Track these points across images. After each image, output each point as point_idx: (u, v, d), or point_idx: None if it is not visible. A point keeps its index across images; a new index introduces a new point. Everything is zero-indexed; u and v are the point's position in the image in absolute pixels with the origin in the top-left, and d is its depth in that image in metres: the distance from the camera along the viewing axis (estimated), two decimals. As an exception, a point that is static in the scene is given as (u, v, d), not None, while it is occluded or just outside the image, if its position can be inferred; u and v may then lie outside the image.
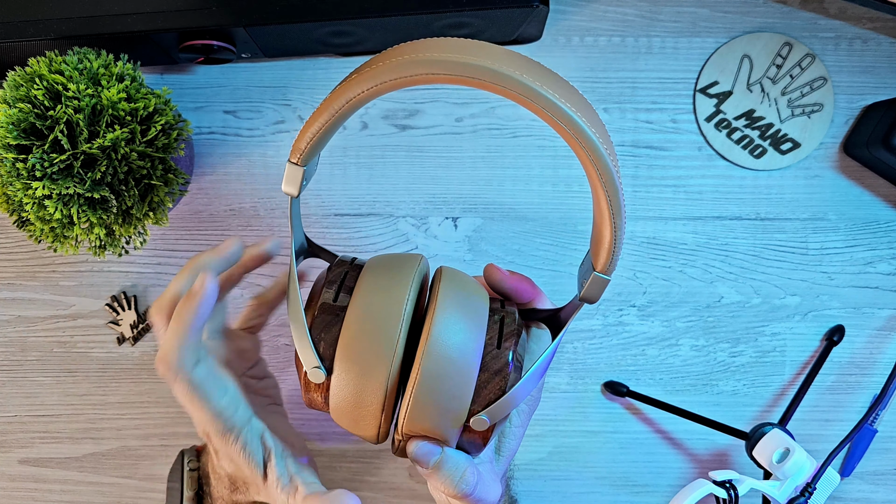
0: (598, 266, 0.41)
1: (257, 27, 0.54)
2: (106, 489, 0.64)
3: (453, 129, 0.63)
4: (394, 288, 0.42)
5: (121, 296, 0.63)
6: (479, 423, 0.41)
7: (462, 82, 0.36)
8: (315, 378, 0.42)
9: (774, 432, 0.57)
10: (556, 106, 0.35)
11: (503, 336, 0.43)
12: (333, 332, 0.42)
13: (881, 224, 0.64)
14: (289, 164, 0.41)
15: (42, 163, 0.50)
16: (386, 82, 0.37)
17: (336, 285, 0.43)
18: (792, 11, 0.63)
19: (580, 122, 0.36)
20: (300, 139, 0.40)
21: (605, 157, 0.37)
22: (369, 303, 0.42)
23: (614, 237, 0.39)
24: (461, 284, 0.44)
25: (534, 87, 0.35)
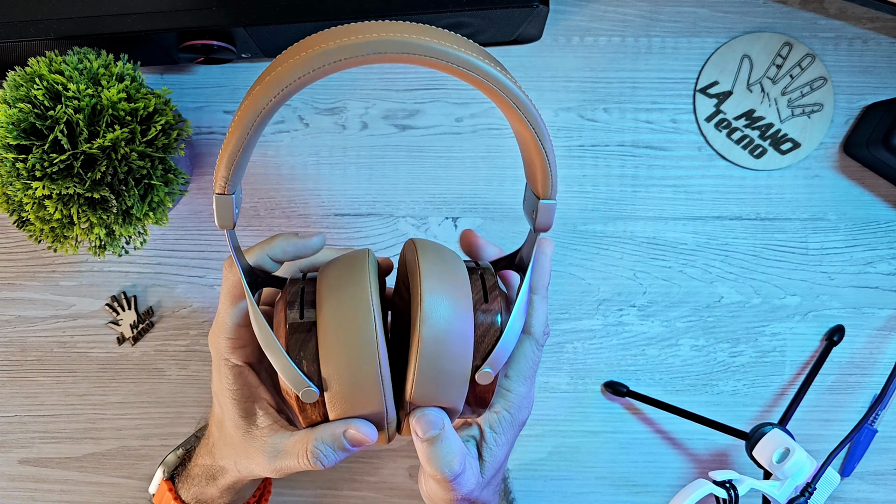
0: (540, 194, 0.42)
1: (257, 27, 0.54)
2: (106, 489, 0.64)
3: (453, 129, 0.63)
4: (354, 286, 0.43)
5: (121, 296, 0.63)
6: (485, 376, 0.43)
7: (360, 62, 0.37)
8: (308, 398, 0.42)
9: (774, 432, 0.57)
10: (450, 54, 0.37)
11: (487, 291, 0.44)
12: (311, 347, 0.42)
13: (881, 224, 0.64)
14: (216, 196, 0.41)
15: (42, 163, 0.50)
16: (290, 85, 0.37)
17: (297, 303, 0.43)
18: (792, 11, 0.63)
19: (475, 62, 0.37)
20: (220, 167, 0.40)
21: (511, 86, 0.38)
22: (336, 307, 0.42)
23: (547, 161, 0.41)
24: (438, 253, 0.45)
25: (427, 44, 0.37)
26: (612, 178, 0.63)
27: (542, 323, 0.47)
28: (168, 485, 0.53)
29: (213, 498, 0.51)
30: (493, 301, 0.44)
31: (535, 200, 0.43)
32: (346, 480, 0.63)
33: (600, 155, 0.63)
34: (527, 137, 0.40)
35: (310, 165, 0.63)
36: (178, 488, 0.53)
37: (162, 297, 0.64)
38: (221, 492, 0.51)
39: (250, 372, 0.48)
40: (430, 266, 0.43)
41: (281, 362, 0.42)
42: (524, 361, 0.47)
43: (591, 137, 0.63)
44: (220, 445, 0.50)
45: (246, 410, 0.47)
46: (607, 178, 0.63)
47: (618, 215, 0.63)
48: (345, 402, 0.42)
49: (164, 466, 0.54)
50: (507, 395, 0.47)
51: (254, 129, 0.39)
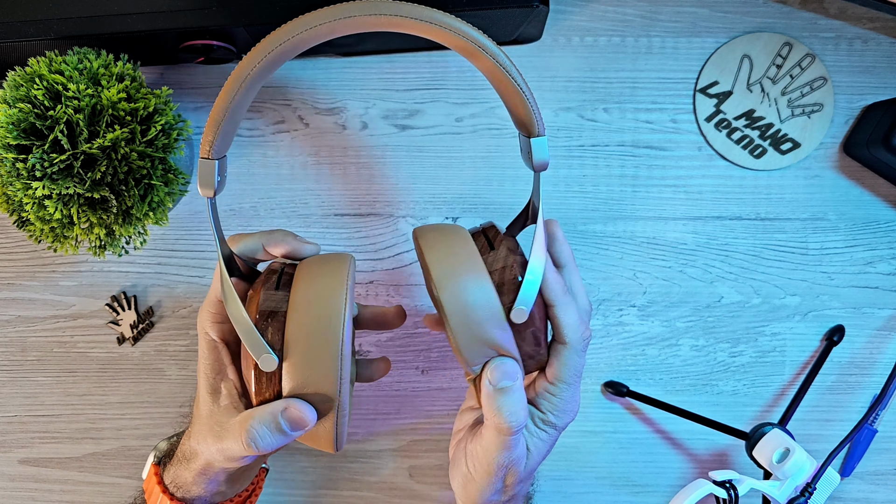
0: (530, 132, 0.45)
1: (257, 27, 0.54)
2: (106, 489, 0.64)
3: (453, 129, 0.63)
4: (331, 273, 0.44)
5: (121, 296, 0.63)
6: (519, 314, 0.44)
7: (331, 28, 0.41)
8: (267, 366, 0.43)
9: (774, 432, 0.57)
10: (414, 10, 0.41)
11: (492, 240, 0.46)
12: (278, 318, 0.43)
13: (881, 224, 0.64)
14: (200, 160, 0.43)
15: (42, 163, 0.50)
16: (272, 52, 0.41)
17: (274, 280, 0.45)
18: (792, 11, 0.63)
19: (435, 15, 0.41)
20: (207, 131, 0.42)
21: (471, 31, 0.42)
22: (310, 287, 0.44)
23: (525, 98, 0.43)
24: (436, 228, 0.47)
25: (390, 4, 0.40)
26: (612, 178, 0.63)
27: (573, 327, 0.47)
28: (155, 469, 0.52)
29: (187, 482, 0.50)
30: (502, 251, 0.45)
31: (526, 142, 0.45)
32: (346, 480, 0.63)
33: (600, 155, 0.63)
34: (501, 79, 0.43)
35: (310, 165, 0.63)
36: (163, 473, 0.52)
37: (162, 297, 0.64)
38: (194, 477, 0.50)
39: (224, 349, 0.48)
40: (431, 241, 0.45)
41: (244, 326, 0.43)
42: (564, 370, 0.47)
43: (591, 137, 0.63)
44: (193, 425, 0.50)
45: (213, 387, 0.48)
46: (607, 178, 0.63)
47: (618, 215, 0.63)
48: (300, 375, 0.43)
49: (156, 451, 0.54)
50: (552, 398, 0.48)
51: (239, 94, 0.41)
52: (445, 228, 0.47)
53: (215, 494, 0.51)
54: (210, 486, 0.50)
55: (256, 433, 0.43)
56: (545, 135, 0.45)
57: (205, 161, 0.43)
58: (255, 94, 0.44)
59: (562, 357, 0.48)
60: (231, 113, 0.42)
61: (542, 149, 0.45)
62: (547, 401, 0.48)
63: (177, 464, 0.51)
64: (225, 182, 0.46)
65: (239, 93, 0.41)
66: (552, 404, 0.48)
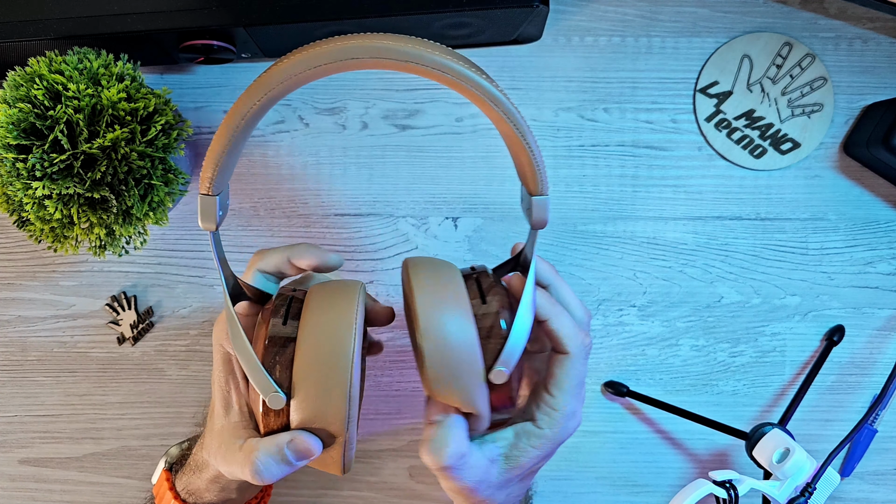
0: (531, 190, 0.43)
1: (257, 27, 0.54)
2: (106, 489, 0.64)
3: (453, 129, 0.63)
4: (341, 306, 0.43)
5: (121, 296, 0.63)
6: (499, 375, 0.43)
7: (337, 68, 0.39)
8: (275, 404, 0.42)
9: (774, 432, 0.57)
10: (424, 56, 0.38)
11: (484, 292, 0.44)
12: (286, 355, 0.42)
13: (881, 224, 0.64)
14: (200, 196, 0.41)
15: (42, 163, 0.50)
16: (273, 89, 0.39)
17: (282, 312, 0.44)
18: (792, 11, 0.63)
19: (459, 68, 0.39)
20: (205, 168, 0.41)
21: (486, 85, 0.39)
22: (319, 321, 0.43)
23: (532, 157, 0.42)
24: (429, 267, 0.45)
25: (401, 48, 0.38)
26: (612, 178, 0.63)
27: (571, 336, 0.46)
28: (166, 474, 0.53)
29: (199, 489, 0.51)
30: (492, 300, 0.44)
31: (527, 198, 0.44)
32: (346, 480, 0.63)
33: (600, 155, 0.63)
34: (510, 135, 0.41)
35: (310, 165, 0.63)
36: (174, 479, 0.53)
37: (162, 297, 0.64)
38: (207, 484, 0.50)
39: (238, 364, 0.48)
40: (421, 281, 0.44)
41: (250, 364, 0.42)
42: (566, 380, 0.46)
43: (591, 137, 0.63)
44: (206, 436, 0.50)
45: (226, 401, 0.48)
46: (607, 178, 0.63)
47: (618, 215, 0.63)
48: (308, 412, 0.42)
49: (167, 457, 0.55)
50: (552, 412, 0.47)
51: (239, 131, 0.40)
52: (440, 269, 0.45)
53: (226, 501, 0.52)
54: (222, 494, 0.51)
55: (261, 465, 0.43)
56: (548, 195, 0.43)
57: (206, 197, 0.42)
58: (254, 127, 0.42)
59: (564, 367, 0.47)
60: (230, 150, 0.41)
61: (542, 209, 0.43)
62: (545, 413, 0.47)
63: (189, 472, 0.52)
64: (227, 211, 0.45)
65: (239, 130, 0.40)
66: (550, 417, 0.47)
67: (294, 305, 0.44)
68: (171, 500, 0.51)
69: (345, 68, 0.39)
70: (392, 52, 0.38)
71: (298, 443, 0.42)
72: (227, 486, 0.51)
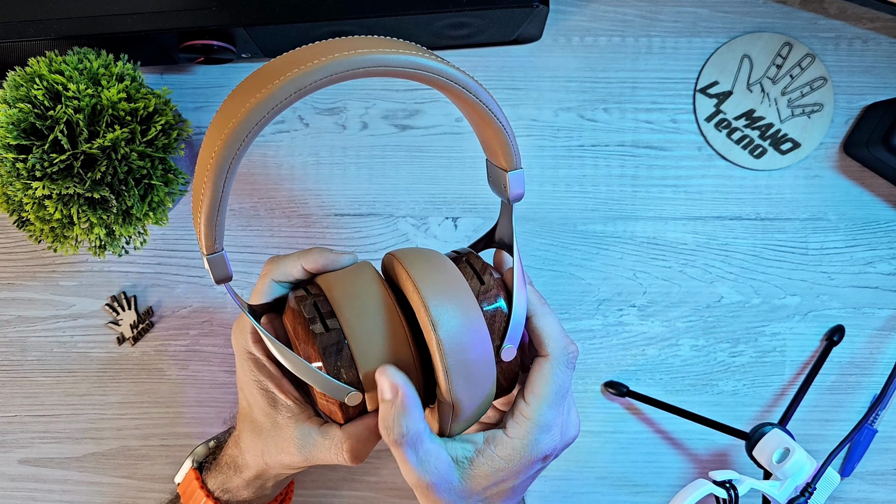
0: (506, 166, 0.43)
1: (257, 27, 0.54)
2: (106, 489, 0.64)
3: (453, 129, 0.63)
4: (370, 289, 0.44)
5: (121, 296, 0.63)
6: (508, 352, 0.43)
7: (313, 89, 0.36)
8: (354, 402, 0.43)
9: (774, 432, 0.57)
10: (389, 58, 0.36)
11: (480, 276, 0.45)
12: (345, 355, 0.43)
13: (881, 224, 0.64)
14: (206, 258, 0.40)
15: (42, 163, 0.50)
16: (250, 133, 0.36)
17: (317, 317, 0.43)
18: (792, 11, 0.63)
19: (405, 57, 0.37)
20: (200, 230, 0.39)
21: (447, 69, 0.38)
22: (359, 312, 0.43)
23: (504, 132, 0.41)
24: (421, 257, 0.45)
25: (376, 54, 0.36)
26: (612, 178, 0.63)
27: (555, 337, 0.45)
28: (195, 473, 0.54)
29: (237, 487, 0.52)
30: (490, 283, 0.44)
31: (501, 174, 0.43)
32: (346, 480, 0.63)
33: (600, 155, 0.63)
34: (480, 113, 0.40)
35: (310, 165, 0.63)
36: (204, 477, 0.53)
37: (162, 297, 0.64)
38: (246, 483, 0.51)
39: (271, 363, 0.48)
40: (420, 272, 0.43)
41: (319, 380, 0.42)
42: (544, 386, 0.44)
43: (591, 137, 0.63)
44: (245, 438, 0.50)
45: (272, 400, 0.48)
46: (607, 178, 0.63)
47: (618, 215, 0.63)
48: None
49: (193, 456, 0.55)
50: (523, 421, 0.44)
51: (225, 185, 0.38)
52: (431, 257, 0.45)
53: (259, 498, 0.53)
54: (260, 490, 0.52)
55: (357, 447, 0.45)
56: (523, 167, 0.43)
57: (212, 257, 0.40)
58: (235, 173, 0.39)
59: (542, 371, 0.44)
60: (223, 203, 0.39)
61: (519, 182, 0.43)
62: (516, 421, 0.44)
63: (225, 471, 0.52)
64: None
65: (224, 183, 0.38)
66: (520, 426, 0.44)
67: (322, 306, 0.44)
68: (203, 497, 0.52)
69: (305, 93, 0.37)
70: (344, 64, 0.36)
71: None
72: (265, 483, 0.52)
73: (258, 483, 0.51)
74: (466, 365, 0.42)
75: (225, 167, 0.37)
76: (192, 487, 0.53)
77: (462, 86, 0.39)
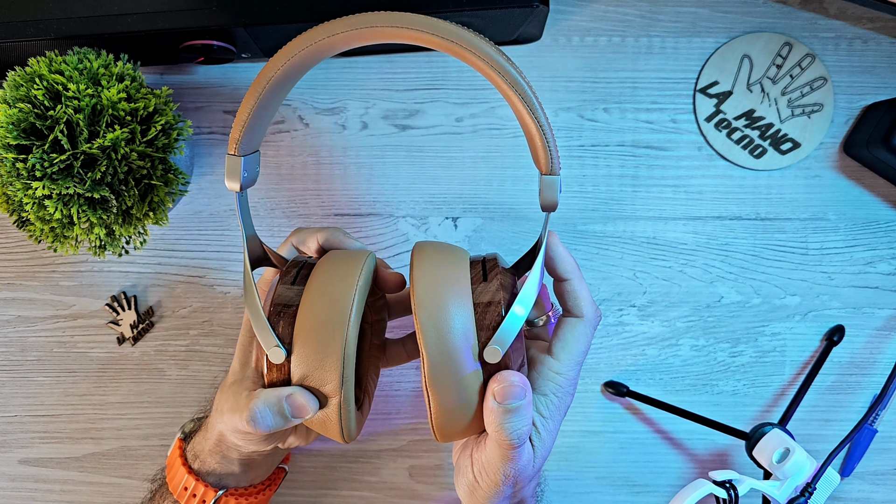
0: (541, 169, 0.43)
1: (257, 27, 0.54)
2: (106, 489, 0.64)
3: (453, 129, 0.63)
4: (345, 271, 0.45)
5: (121, 296, 0.63)
6: (493, 353, 0.43)
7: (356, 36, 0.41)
8: (275, 358, 0.44)
9: (774, 432, 0.57)
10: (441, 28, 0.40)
11: (487, 271, 0.45)
12: (290, 313, 0.44)
13: (881, 224, 0.64)
14: (227, 156, 0.44)
15: (42, 163, 0.50)
16: (295, 55, 0.42)
17: (291, 276, 0.46)
18: (792, 11, 0.63)
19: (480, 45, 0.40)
20: (233, 130, 0.44)
21: (507, 67, 0.41)
22: (322, 283, 0.44)
23: (542, 133, 0.42)
24: (434, 246, 0.46)
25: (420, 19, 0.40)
26: (612, 178, 0.63)
27: (588, 303, 0.47)
28: (180, 443, 0.54)
29: (203, 452, 0.52)
30: (493, 279, 0.44)
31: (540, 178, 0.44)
32: (346, 480, 0.63)
33: (600, 155, 0.63)
34: (525, 116, 0.42)
35: (310, 165, 0.63)
36: (185, 447, 0.54)
37: (162, 297, 0.64)
38: (211, 449, 0.51)
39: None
40: (423, 257, 0.45)
41: (257, 320, 0.44)
42: (575, 345, 0.46)
43: (591, 137, 0.63)
44: (217, 395, 0.50)
45: (245, 359, 0.49)
46: (607, 178, 0.63)
47: (618, 215, 0.63)
48: (306, 368, 0.43)
49: (182, 429, 0.56)
50: (556, 377, 0.46)
51: (264, 94, 0.43)
52: (447, 249, 0.46)
53: (228, 476, 0.52)
54: (224, 464, 0.51)
55: (258, 412, 0.45)
56: (559, 175, 0.43)
57: (231, 157, 0.44)
58: (284, 95, 0.45)
59: (576, 331, 0.46)
60: (256, 113, 0.43)
61: (552, 188, 0.43)
62: (552, 381, 0.46)
63: (199, 435, 0.53)
64: (257, 176, 0.47)
65: (263, 94, 0.43)
66: (557, 384, 0.46)
67: (304, 270, 0.46)
68: (181, 466, 0.52)
69: (362, 38, 0.41)
70: (409, 21, 0.40)
71: (297, 398, 0.44)
72: (229, 455, 0.51)
73: (220, 451, 0.51)
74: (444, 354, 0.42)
75: (268, 76, 0.42)
76: (174, 456, 0.53)
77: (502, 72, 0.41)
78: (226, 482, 0.52)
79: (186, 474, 0.51)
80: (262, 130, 0.45)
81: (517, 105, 0.42)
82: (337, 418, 0.44)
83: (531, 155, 0.44)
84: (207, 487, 0.51)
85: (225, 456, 0.51)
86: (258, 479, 0.55)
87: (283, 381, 0.45)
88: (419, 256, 0.45)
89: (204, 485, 0.51)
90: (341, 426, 0.45)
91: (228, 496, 0.52)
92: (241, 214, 0.46)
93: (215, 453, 0.51)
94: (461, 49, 0.40)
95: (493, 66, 0.41)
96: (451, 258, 0.45)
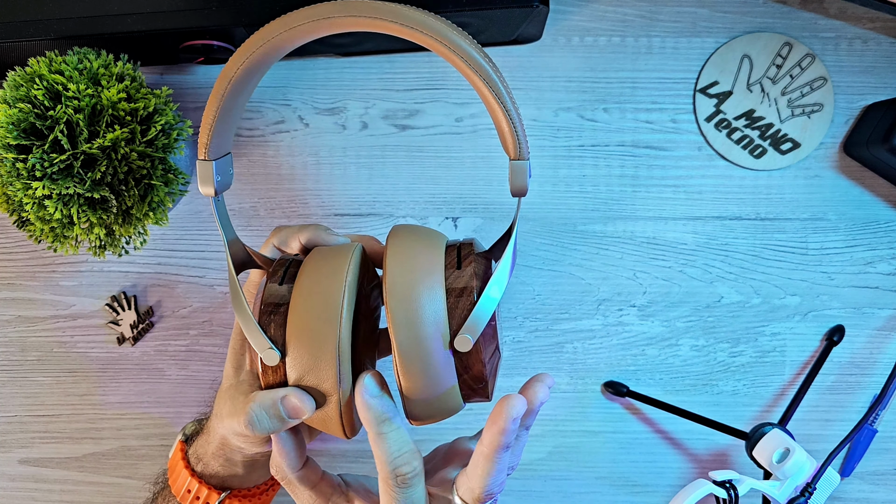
0: (510, 154, 0.43)
1: (257, 27, 0.54)
2: (106, 489, 0.64)
3: (453, 129, 0.63)
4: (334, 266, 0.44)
5: (121, 296, 0.63)
6: (463, 342, 0.42)
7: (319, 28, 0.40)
8: (269, 360, 0.43)
9: (774, 432, 0.57)
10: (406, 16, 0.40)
11: (462, 258, 0.44)
12: (280, 313, 0.43)
13: (881, 224, 0.64)
14: (198, 162, 0.44)
15: (42, 163, 0.50)
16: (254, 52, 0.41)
17: (279, 275, 0.45)
18: (792, 11, 0.63)
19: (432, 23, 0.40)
20: (201, 134, 0.43)
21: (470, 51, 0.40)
22: (311, 281, 0.44)
23: (510, 119, 0.42)
24: (409, 230, 0.45)
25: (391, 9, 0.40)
26: (612, 178, 0.63)
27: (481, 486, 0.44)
28: (181, 444, 0.54)
29: (206, 455, 0.51)
30: (467, 266, 0.43)
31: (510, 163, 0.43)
32: (346, 480, 0.63)
33: (600, 155, 0.63)
34: (492, 101, 0.41)
35: (310, 165, 0.63)
36: (187, 449, 0.53)
37: (162, 297, 0.64)
38: (214, 452, 0.51)
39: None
40: (397, 242, 0.44)
41: (247, 324, 0.43)
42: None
43: (591, 137, 0.63)
44: (216, 400, 0.50)
45: (238, 363, 0.49)
46: (607, 178, 0.63)
47: (618, 215, 0.63)
48: (301, 368, 0.43)
49: (183, 431, 0.55)
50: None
51: (227, 95, 0.42)
52: (422, 234, 0.45)
53: (232, 477, 0.52)
54: (227, 466, 0.51)
55: (255, 415, 0.44)
56: (528, 160, 0.43)
57: (202, 162, 0.44)
58: (249, 94, 0.44)
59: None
60: (221, 114, 0.42)
61: (521, 174, 0.43)
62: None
63: (201, 438, 0.52)
64: (231, 179, 0.47)
65: (226, 94, 0.42)
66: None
67: (292, 269, 0.46)
68: (183, 468, 0.52)
69: (320, 29, 0.40)
70: (366, 9, 0.39)
71: (292, 399, 0.43)
72: (232, 458, 0.51)
73: (223, 454, 0.50)
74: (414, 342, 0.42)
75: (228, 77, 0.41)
76: (176, 459, 0.53)
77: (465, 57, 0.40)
78: (229, 484, 0.52)
79: (189, 477, 0.51)
80: (230, 132, 0.44)
81: (482, 90, 0.41)
82: (337, 416, 0.44)
83: (500, 140, 0.44)
84: (211, 490, 0.51)
85: (228, 459, 0.51)
86: (261, 479, 0.55)
87: (279, 382, 0.44)
88: (393, 241, 0.44)
89: (207, 487, 0.51)
90: (342, 423, 0.44)
91: (232, 498, 0.52)
92: (219, 219, 0.45)
93: (219, 456, 0.51)
94: (422, 35, 0.40)
95: (456, 51, 0.40)
96: (425, 243, 0.44)
